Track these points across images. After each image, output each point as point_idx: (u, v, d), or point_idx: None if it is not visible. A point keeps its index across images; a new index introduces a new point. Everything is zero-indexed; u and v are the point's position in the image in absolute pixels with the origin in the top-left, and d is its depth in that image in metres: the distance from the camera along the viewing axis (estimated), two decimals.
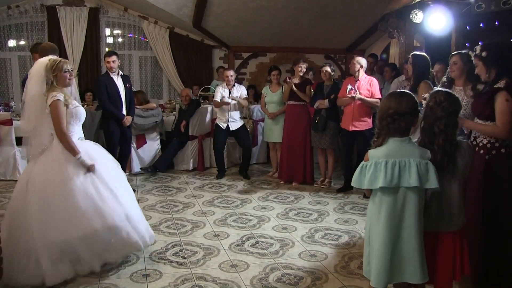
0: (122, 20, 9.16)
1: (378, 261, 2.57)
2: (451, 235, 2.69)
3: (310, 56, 9.32)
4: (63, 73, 3.60)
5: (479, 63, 3.35)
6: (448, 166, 2.62)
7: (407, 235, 2.53)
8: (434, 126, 2.64)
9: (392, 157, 2.51)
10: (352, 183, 2.66)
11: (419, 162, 2.49)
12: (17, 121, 6.63)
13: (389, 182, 2.48)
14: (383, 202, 2.56)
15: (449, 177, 2.65)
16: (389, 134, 2.57)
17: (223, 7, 7.69)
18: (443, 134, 2.61)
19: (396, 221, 2.54)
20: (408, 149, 2.54)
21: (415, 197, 2.51)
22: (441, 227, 2.68)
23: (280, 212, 5.34)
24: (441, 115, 2.62)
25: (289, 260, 3.99)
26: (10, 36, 8.67)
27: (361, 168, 2.60)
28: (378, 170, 2.51)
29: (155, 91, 9.72)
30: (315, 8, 7.72)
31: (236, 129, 6.96)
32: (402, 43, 7.41)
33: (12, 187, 6.25)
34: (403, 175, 2.49)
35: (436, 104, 2.65)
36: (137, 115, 6.94)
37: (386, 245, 2.54)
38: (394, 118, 2.53)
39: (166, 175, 7.11)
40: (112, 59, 6.01)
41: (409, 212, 2.52)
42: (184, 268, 3.81)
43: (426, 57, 4.74)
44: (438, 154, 2.61)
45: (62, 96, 3.55)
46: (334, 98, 6.13)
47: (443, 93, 2.68)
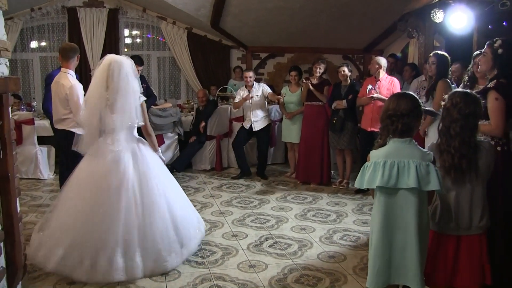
0: (141, 21, 9.22)
1: (373, 262, 2.58)
2: (477, 238, 2.65)
3: (328, 56, 9.24)
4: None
5: (489, 56, 3.29)
6: (468, 169, 2.59)
7: (404, 237, 2.50)
8: (450, 128, 2.61)
9: (391, 158, 2.50)
10: (355, 184, 2.67)
11: (419, 163, 2.46)
12: (39, 121, 6.74)
13: (386, 182, 2.47)
14: (380, 202, 2.56)
15: (470, 179, 2.61)
16: (389, 135, 2.57)
17: (241, 7, 7.70)
18: (458, 136, 2.58)
19: (392, 222, 2.53)
20: (409, 150, 2.52)
21: (414, 199, 2.49)
22: (463, 231, 2.65)
23: (298, 212, 5.33)
24: (457, 117, 2.59)
25: (308, 261, 3.99)
26: (32, 37, 8.80)
27: (362, 169, 2.60)
28: (377, 170, 2.51)
29: (173, 91, 9.77)
30: (332, 8, 7.67)
31: (259, 130, 6.94)
32: (421, 43, 7.32)
33: (34, 185, 6.38)
34: (401, 176, 2.47)
35: (453, 105, 2.62)
36: (155, 115, 6.99)
37: (381, 246, 2.54)
38: (392, 119, 2.52)
39: (184, 174, 7.15)
40: (140, 68, 6.10)
41: (407, 213, 2.50)
42: (203, 268, 3.83)
43: (447, 56, 4.69)
44: (455, 156, 2.59)
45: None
46: (352, 99, 6.09)
47: (460, 94, 2.65)
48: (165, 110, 7.19)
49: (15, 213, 3.11)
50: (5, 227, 2.99)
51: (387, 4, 7.37)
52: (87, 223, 3.51)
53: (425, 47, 7.19)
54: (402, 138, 2.53)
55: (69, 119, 4.63)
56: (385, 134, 2.58)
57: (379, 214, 2.55)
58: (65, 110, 4.61)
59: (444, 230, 2.70)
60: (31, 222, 4.83)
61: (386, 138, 2.58)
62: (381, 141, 2.59)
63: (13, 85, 3.09)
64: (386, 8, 7.53)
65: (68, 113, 4.61)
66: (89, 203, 3.55)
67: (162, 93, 9.53)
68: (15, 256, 3.09)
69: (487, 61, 3.32)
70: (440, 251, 2.70)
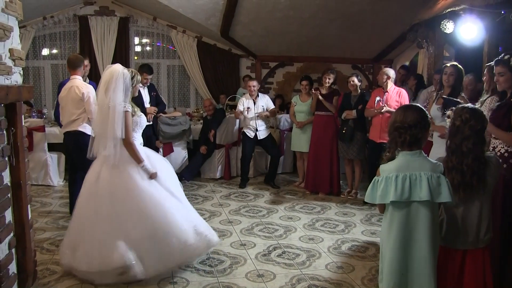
0: (151, 29, 9.30)
1: (388, 277, 2.53)
2: (480, 251, 2.65)
3: (337, 66, 9.24)
4: (137, 84, 3.94)
5: (509, 75, 3.29)
6: (478, 185, 2.57)
7: (419, 248, 2.48)
8: (462, 145, 2.59)
9: (402, 171, 2.47)
10: (365, 199, 2.64)
11: (431, 175, 2.45)
12: (49, 128, 6.80)
13: (400, 196, 2.45)
14: (394, 217, 2.52)
15: (478, 195, 2.60)
16: (397, 147, 2.55)
17: (251, 16, 7.75)
18: (472, 153, 2.57)
19: (407, 236, 2.49)
20: (419, 162, 2.50)
21: (427, 211, 2.47)
22: (469, 245, 2.64)
23: (307, 222, 5.32)
24: (469, 134, 2.58)
25: (316, 271, 3.97)
26: (44, 45, 8.92)
27: (373, 183, 2.57)
28: (389, 184, 2.48)
29: (182, 99, 9.82)
30: (342, 18, 7.70)
31: (264, 138, 6.97)
32: (431, 53, 7.32)
33: (44, 192, 6.42)
34: (413, 189, 2.45)
35: (463, 122, 2.60)
36: (165, 123, 7.03)
37: (396, 261, 2.50)
38: (400, 131, 2.50)
39: (193, 183, 7.17)
40: (144, 77, 6.19)
41: (421, 226, 2.47)
42: (211, 277, 3.82)
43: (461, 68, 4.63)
44: (467, 174, 2.57)
45: (131, 107, 3.76)
46: (362, 109, 6.09)
47: (469, 111, 2.63)
48: (174, 119, 7.23)
49: (27, 220, 3.13)
50: (16, 233, 3.02)
51: (397, 14, 7.39)
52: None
53: (434, 57, 7.18)
54: (411, 150, 2.52)
55: (80, 119, 4.88)
56: (393, 146, 2.57)
57: (394, 229, 2.52)
58: (78, 110, 4.87)
59: (450, 245, 2.68)
60: (41, 229, 4.87)
61: (395, 150, 2.56)
62: (390, 154, 2.58)
63: (27, 93, 3.13)
64: (396, 18, 7.55)
65: (80, 112, 4.87)
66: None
67: (171, 101, 9.58)
68: (26, 262, 3.12)
69: (508, 79, 3.33)
70: (446, 265, 2.69)
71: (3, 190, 2.83)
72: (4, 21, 2.84)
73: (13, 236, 2.97)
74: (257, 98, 6.95)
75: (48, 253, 4.25)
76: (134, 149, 3.73)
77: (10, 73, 2.95)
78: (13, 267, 2.98)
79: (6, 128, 2.89)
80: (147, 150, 4.01)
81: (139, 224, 3.62)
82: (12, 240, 2.94)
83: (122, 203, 3.64)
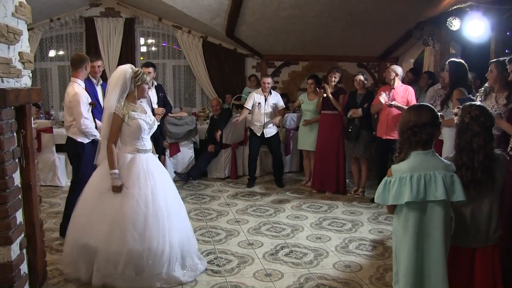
0: (157, 30, 9.33)
1: (407, 279, 2.50)
2: (489, 250, 2.64)
3: (343, 64, 9.24)
4: (144, 84, 3.68)
5: None
6: (487, 182, 2.57)
7: (434, 248, 2.47)
8: (472, 142, 2.58)
9: (416, 171, 2.45)
10: (376, 200, 2.58)
11: (445, 174, 2.43)
12: (57, 129, 6.84)
13: (415, 196, 2.42)
14: (409, 218, 2.49)
15: (487, 192, 2.60)
16: (411, 147, 2.52)
17: (256, 16, 7.76)
18: (482, 150, 2.56)
19: (423, 236, 2.48)
20: (433, 162, 2.48)
21: (441, 210, 2.46)
22: (479, 243, 2.63)
23: (314, 221, 5.33)
24: (479, 130, 2.57)
25: (324, 270, 3.98)
26: (51, 47, 8.98)
27: (384, 184, 2.53)
28: (403, 185, 2.45)
29: (188, 99, 9.85)
30: (347, 16, 7.69)
31: (271, 136, 6.97)
32: (437, 51, 7.31)
33: (51, 192, 6.48)
34: (428, 189, 2.43)
35: (472, 119, 2.59)
36: (171, 123, 7.06)
37: (413, 262, 2.48)
38: (414, 130, 2.48)
39: (199, 183, 7.19)
40: (148, 70, 6.17)
41: (435, 225, 2.46)
42: (219, 276, 3.84)
43: (464, 64, 4.62)
44: (478, 171, 2.56)
45: (120, 110, 3.57)
46: (368, 107, 6.09)
47: (478, 108, 2.63)
48: (181, 119, 7.25)
49: (37, 221, 3.18)
50: (27, 234, 3.06)
51: (402, 12, 7.37)
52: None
53: (441, 54, 7.17)
54: (424, 150, 2.50)
55: (72, 125, 4.64)
56: (406, 147, 2.53)
57: (409, 230, 2.49)
58: (70, 118, 4.64)
59: (459, 243, 2.67)
60: (50, 229, 4.91)
61: (408, 151, 2.53)
62: (403, 154, 2.54)
63: (36, 95, 3.17)
64: (401, 16, 7.53)
65: (73, 120, 4.62)
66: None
67: (177, 101, 9.62)
68: (36, 262, 3.16)
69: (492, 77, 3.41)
70: (456, 264, 2.69)
71: (14, 191, 2.87)
72: (14, 25, 2.88)
73: (24, 237, 3.00)
74: (269, 95, 6.95)
75: (58, 253, 4.26)
76: (110, 154, 3.54)
77: (20, 76, 2.98)
78: (25, 267, 3.02)
79: (16, 130, 2.93)
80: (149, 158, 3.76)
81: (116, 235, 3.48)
82: (23, 240, 2.98)
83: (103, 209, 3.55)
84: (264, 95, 6.93)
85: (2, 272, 2.77)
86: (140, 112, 3.71)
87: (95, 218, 3.50)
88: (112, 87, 3.61)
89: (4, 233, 2.75)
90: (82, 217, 3.57)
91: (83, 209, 3.60)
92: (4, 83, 2.77)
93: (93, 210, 3.53)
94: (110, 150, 3.56)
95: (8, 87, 2.79)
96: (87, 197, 3.63)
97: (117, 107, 3.57)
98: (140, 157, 3.68)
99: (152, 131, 3.81)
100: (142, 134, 3.68)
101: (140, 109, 3.75)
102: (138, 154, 3.69)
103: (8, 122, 2.78)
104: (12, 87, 2.82)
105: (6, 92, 2.63)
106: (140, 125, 3.64)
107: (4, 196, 2.74)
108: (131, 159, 3.64)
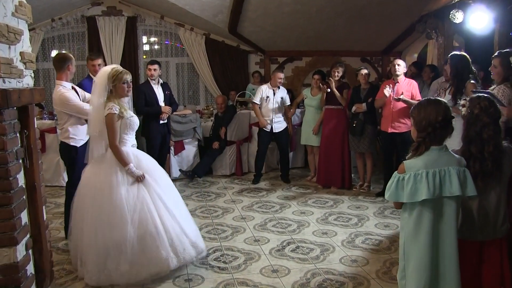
0: (159, 28, 9.33)
1: (418, 276, 2.46)
2: (497, 242, 2.62)
3: (346, 59, 9.21)
4: (121, 84, 3.69)
5: None
6: (496, 174, 2.55)
7: (447, 244, 2.44)
8: (482, 133, 2.55)
9: (431, 167, 2.40)
10: (387, 197, 2.52)
11: (458, 170, 2.40)
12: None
13: (432, 193, 2.37)
14: (423, 216, 2.44)
15: (495, 184, 2.57)
16: (432, 143, 2.46)
17: (258, 12, 7.73)
18: (493, 140, 2.53)
19: (436, 234, 2.44)
20: (446, 157, 2.45)
21: (454, 205, 2.43)
22: (486, 236, 2.61)
23: (320, 216, 5.31)
24: (488, 121, 2.53)
25: (330, 265, 3.97)
26: (53, 47, 8.98)
27: (397, 181, 2.46)
28: (419, 182, 2.39)
29: (192, 97, 9.84)
30: (350, 11, 7.66)
31: (279, 131, 6.92)
32: (440, 44, 7.26)
33: (56, 192, 6.49)
34: (444, 185, 2.39)
35: (482, 110, 2.56)
36: (175, 121, 7.05)
37: (427, 259, 2.43)
38: (436, 126, 2.43)
39: (205, 180, 7.19)
40: (153, 67, 6.18)
41: (449, 221, 2.43)
42: (226, 273, 3.84)
43: (466, 56, 4.59)
44: (488, 161, 2.52)
45: (118, 108, 3.63)
46: (372, 102, 6.06)
47: (487, 99, 2.59)
48: (185, 117, 7.24)
49: (42, 221, 3.18)
50: (33, 235, 3.06)
51: (405, 5, 7.33)
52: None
53: (444, 48, 7.13)
54: (439, 145, 2.46)
55: (63, 129, 4.47)
56: (428, 142, 2.46)
57: (423, 227, 2.43)
58: (61, 121, 4.48)
59: (467, 237, 2.65)
60: (56, 229, 4.92)
61: (428, 146, 2.46)
62: (422, 149, 2.46)
63: (38, 95, 3.17)
64: (404, 10, 7.49)
65: (64, 123, 4.45)
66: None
67: (181, 99, 9.61)
68: (43, 262, 3.16)
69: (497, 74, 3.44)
70: (463, 258, 2.66)
71: (19, 192, 2.87)
72: (15, 25, 2.87)
73: (29, 238, 3.01)
74: (277, 89, 6.91)
75: (64, 253, 4.28)
76: (120, 152, 3.62)
77: (22, 76, 2.98)
78: (31, 267, 3.02)
79: (19, 131, 2.92)
80: (140, 153, 3.88)
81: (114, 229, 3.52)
82: (29, 241, 2.98)
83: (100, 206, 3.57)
84: (273, 89, 6.89)
85: (8, 273, 2.77)
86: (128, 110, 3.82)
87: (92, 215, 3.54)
88: (96, 87, 3.72)
89: (10, 234, 2.75)
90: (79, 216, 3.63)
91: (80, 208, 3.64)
92: (6, 84, 2.77)
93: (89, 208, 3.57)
94: (117, 149, 3.63)
95: (10, 87, 2.78)
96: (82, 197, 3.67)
97: (114, 107, 3.62)
98: (133, 151, 3.80)
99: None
100: (134, 131, 3.83)
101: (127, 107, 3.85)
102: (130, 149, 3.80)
103: (10, 122, 2.78)
104: (14, 88, 2.81)
105: (8, 93, 2.63)
106: (136, 122, 3.81)
107: (9, 197, 2.74)
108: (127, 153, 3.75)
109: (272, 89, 6.88)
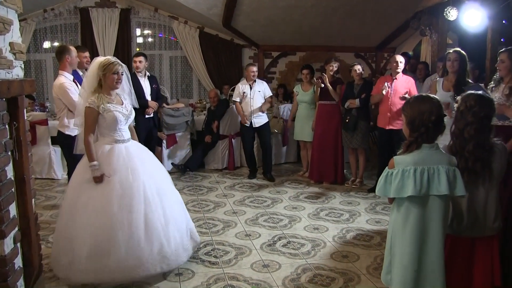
0: (153, 21, 9.25)
1: (402, 272, 2.47)
2: (489, 240, 2.63)
3: (340, 54, 9.19)
4: (111, 74, 3.59)
5: None
6: (482, 172, 2.55)
7: (432, 243, 2.44)
8: (464, 131, 2.56)
9: (420, 164, 2.40)
10: (377, 192, 2.52)
11: (448, 169, 2.40)
12: (52, 121, 6.80)
13: (419, 190, 2.37)
14: (410, 212, 2.45)
15: (484, 182, 2.58)
16: (424, 140, 2.45)
17: (253, 6, 7.69)
18: (473, 140, 2.53)
19: (422, 231, 2.44)
20: (437, 155, 2.44)
21: (442, 204, 2.43)
22: (476, 232, 2.62)
23: (311, 212, 5.31)
24: (472, 121, 2.54)
25: (321, 261, 3.98)
26: (45, 38, 8.88)
27: (386, 176, 2.47)
28: (406, 178, 2.39)
29: (185, 90, 9.79)
30: (345, 7, 7.64)
31: (260, 126, 6.86)
32: (434, 41, 7.27)
33: (47, 185, 6.45)
34: (431, 183, 2.39)
35: (467, 108, 2.57)
36: (168, 115, 7.02)
37: (412, 256, 2.44)
38: (435, 124, 2.42)
39: (197, 174, 7.17)
40: (139, 59, 6.17)
41: (436, 220, 2.43)
42: (216, 268, 3.84)
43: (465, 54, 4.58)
44: (469, 160, 2.54)
45: (95, 103, 3.54)
46: (365, 97, 6.05)
47: (474, 97, 2.59)
48: (177, 110, 7.21)
49: (31, 214, 3.14)
50: (21, 228, 3.02)
51: (400, 2, 7.33)
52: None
53: (438, 45, 7.14)
54: (430, 143, 2.45)
55: (60, 118, 4.78)
56: (420, 140, 2.45)
57: (410, 224, 2.44)
58: (57, 109, 4.81)
59: (458, 233, 2.66)
60: (46, 222, 4.89)
61: (421, 143, 2.45)
62: (414, 147, 2.45)
63: (28, 87, 3.12)
64: (399, 6, 7.49)
65: (60, 111, 4.76)
66: None
67: (174, 93, 9.55)
68: (31, 256, 3.13)
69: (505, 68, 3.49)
70: (455, 254, 2.67)
71: (7, 184, 2.83)
72: (4, 14, 2.82)
73: (18, 231, 2.97)
74: (254, 83, 6.82)
75: None
76: (87, 147, 3.52)
77: (11, 67, 2.93)
78: (19, 261, 2.98)
79: (8, 123, 2.88)
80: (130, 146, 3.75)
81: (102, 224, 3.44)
82: (17, 234, 2.95)
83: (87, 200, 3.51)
84: (249, 84, 6.84)
85: None
86: (116, 104, 3.68)
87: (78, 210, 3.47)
88: (87, 78, 3.70)
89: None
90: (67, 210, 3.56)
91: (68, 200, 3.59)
92: None
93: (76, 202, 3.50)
94: (87, 142, 3.54)
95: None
96: (71, 190, 3.62)
97: (91, 100, 3.55)
98: (119, 147, 3.67)
99: (129, 121, 3.81)
100: (119, 126, 3.66)
101: (116, 100, 3.72)
102: (116, 144, 3.67)
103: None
104: (3, 79, 2.77)
105: None
106: (116, 117, 3.61)
107: None
108: (110, 149, 3.63)
109: (248, 84, 6.84)
